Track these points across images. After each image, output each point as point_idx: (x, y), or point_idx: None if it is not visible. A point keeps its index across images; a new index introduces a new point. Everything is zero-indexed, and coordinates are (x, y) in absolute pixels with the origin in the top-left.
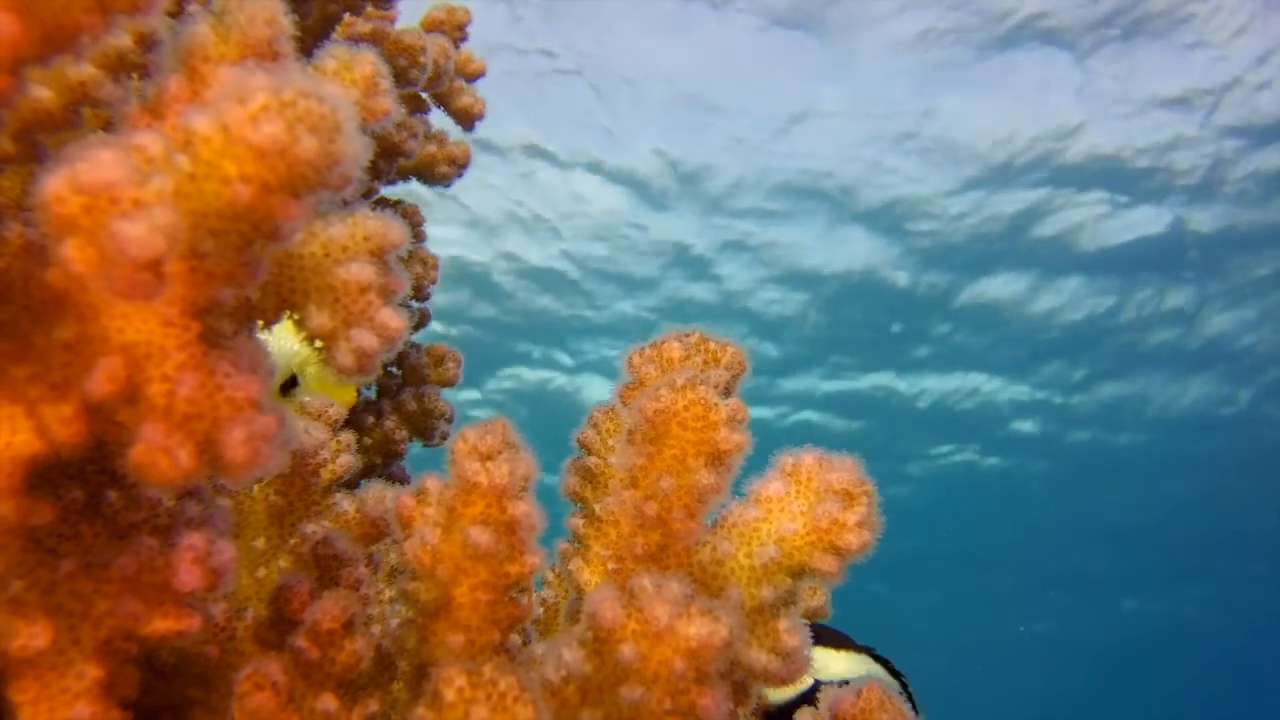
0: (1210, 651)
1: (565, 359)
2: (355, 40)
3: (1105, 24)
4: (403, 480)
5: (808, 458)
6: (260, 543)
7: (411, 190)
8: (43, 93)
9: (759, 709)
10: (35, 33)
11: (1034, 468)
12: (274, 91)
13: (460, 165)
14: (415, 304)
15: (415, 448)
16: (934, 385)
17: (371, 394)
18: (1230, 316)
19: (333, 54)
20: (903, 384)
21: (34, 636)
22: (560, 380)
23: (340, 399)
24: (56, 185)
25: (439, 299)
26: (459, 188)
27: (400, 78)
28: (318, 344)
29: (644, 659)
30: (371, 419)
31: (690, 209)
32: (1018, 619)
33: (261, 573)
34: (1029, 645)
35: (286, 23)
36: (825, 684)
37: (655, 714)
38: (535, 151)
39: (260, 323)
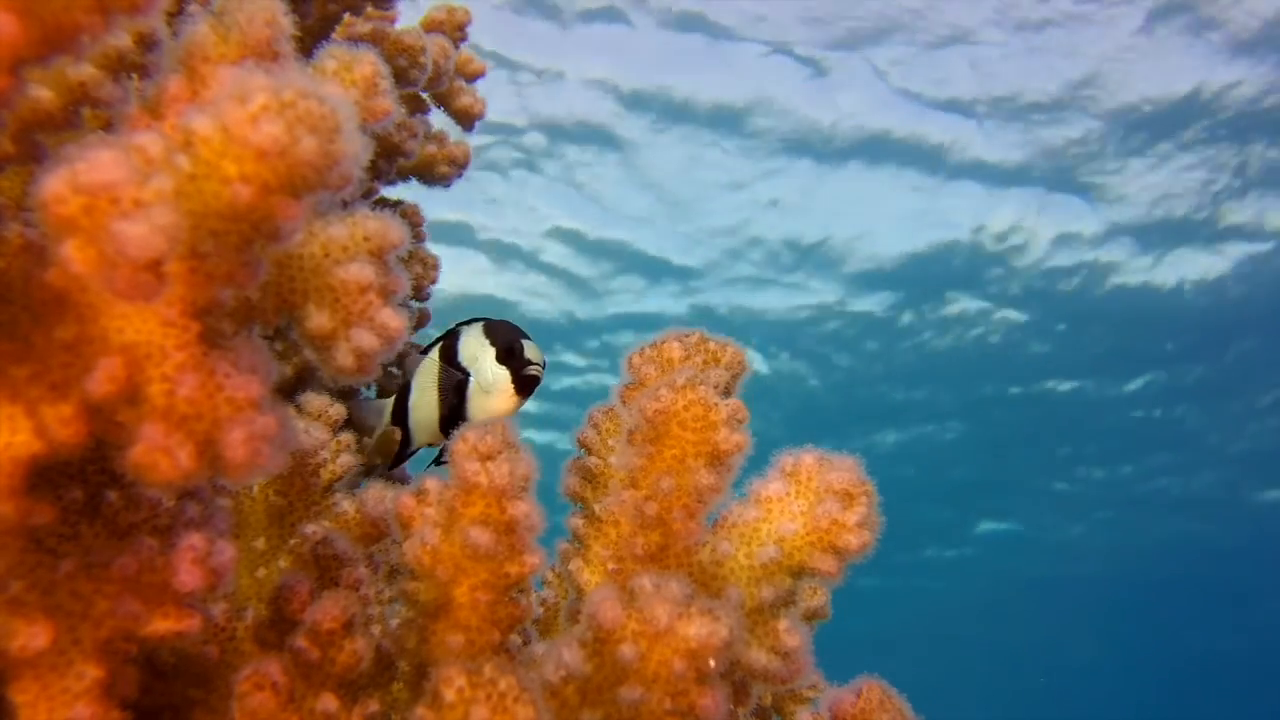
0: None
1: (575, 360)
2: (355, 40)
3: None
4: (403, 480)
5: (807, 458)
6: (260, 543)
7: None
8: (43, 93)
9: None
10: (35, 33)
11: None
12: (274, 92)
13: (460, 165)
14: (415, 304)
15: None
16: None
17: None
18: None
19: (332, 54)
20: None
21: (34, 637)
22: (569, 380)
23: None
24: (56, 185)
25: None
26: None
27: (400, 78)
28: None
29: (644, 659)
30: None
31: None
32: None
33: (261, 573)
34: None
35: (286, 23)
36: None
37: (655, 714)
38: None
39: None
